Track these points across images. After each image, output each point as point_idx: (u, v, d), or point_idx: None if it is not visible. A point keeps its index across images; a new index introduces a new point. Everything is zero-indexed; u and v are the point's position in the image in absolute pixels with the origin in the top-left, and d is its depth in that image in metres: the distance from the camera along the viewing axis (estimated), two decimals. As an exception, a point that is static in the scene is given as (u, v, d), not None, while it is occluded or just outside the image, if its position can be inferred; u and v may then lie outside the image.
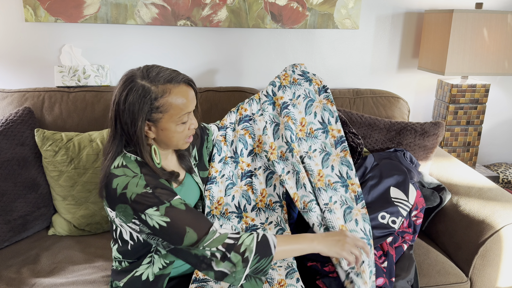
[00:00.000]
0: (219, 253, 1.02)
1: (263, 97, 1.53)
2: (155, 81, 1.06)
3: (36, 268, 1.40)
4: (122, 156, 1.10)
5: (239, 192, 1.45)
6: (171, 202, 1.04)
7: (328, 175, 1.42)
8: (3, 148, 1.55)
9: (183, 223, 1.03)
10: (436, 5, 2.12)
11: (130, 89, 1.05)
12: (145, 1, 1.88)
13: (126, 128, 1.07)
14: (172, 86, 1.07)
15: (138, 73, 1.08)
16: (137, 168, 1.07)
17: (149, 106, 1.05)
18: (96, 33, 1.92)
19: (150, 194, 1.04)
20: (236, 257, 1.01)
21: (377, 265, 1.33)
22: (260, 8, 1.97)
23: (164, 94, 1.06)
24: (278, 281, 1.17)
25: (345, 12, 2.04)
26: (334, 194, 1.38)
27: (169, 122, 1.09)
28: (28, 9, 1.82)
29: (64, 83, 1.86)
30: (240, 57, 2.06)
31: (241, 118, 1.51)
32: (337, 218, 1.30)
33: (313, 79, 1.56)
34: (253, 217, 1.41)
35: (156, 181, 1.07)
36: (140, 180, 1.05)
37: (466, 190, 1.60)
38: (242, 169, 1.47)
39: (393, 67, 2.20)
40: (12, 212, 1.53)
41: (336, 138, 1.49)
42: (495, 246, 1.39)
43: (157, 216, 1.02)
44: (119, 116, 1.07)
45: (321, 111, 1.51)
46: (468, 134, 2.15)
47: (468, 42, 1.90)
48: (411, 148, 1.73)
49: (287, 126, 1.46)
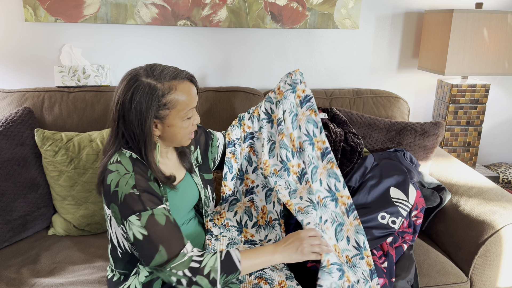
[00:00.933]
0: (185, 279, 1.03)
1: (262, 114, 1.53)
2: (161, 79, 1.07)
3: (36, 268, 1.40)
4: (118, 153, 1.10)
5: (242, 209, 1.45)
6: (154, 210, 1.05)
7: (318, 191, 1.40)
8: (3, 148, 1.55)
9: (157, 239, 1.03)
10: (436, 5, 2.12)
11: (136, 88, 1.05)
12: (145, 1, 1.88)
13: (131, 128, 1.07)
14: (177, 82, 1.09)
15: (142, 71, 1.08)
16: (130, 165, 1.07)
17: (157, 103, 1.06)
18: (96, 33, 1.92)
19: (136, 196, 1.04)
20: (202, 280, 1.03)
21: (377, 265, 1.33)
22: (260, 8, 1.97)
23: (171, 91, 1.07)
24: (279, 282, 1.17)
25: (345, 12, 2.04)
26: (324, 212, 1.37)
27: (176, 118, 1.10)
28: (28, 9, 1.82)
29: (64, 83, 1.86)
30: (240, 57, 2.06)
31: (245, 136, 1.52)
32: (329, 238, 1.31)
33: (298, 89, 1.51)
34: (253, 233, 1.41)
35: (145, 184, 1.07)
36: (130, 179, 1.05)
37: (466, 190, 1.60)
38: (246, 186, 1.48)
39: (393, 67, 2.20)
40: (12, 212, 1.53)
41: (322, 150, 1.47)
42: (495, 246, 1.39)
43: (137, 226, 1.03)
44: (124, 116, 1.07)
45: (305, 124, 1.49)
46: (468, 134, 2.15)
47: (468, 42, 1.90)
48: (411, 148, 1.73)
49: (282, 144, 1.45)
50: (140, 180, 1.06)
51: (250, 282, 1.17)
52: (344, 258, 1.30)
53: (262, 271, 1.20)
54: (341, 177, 1.42)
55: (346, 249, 1.32)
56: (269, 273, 1.20)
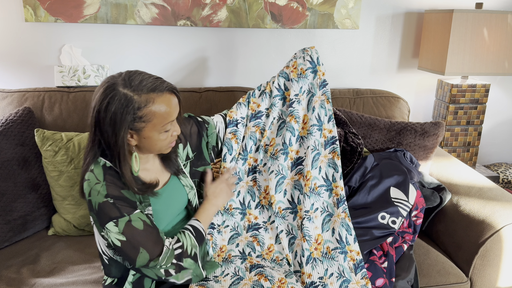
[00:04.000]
0: (172, 268, 1.07)
1: (274, 90, 1.46)
2: (138, 90, 1.02)
3: (36, 268, 1.40)
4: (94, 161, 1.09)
5: (245, 188, 1.42)
6: (131, 216, 1.05)
7: (315, 178, 1.40)
8: (3, 148, 1.55)
9: (137, 243, 1.04)
10: (436, 5, 2.12)
11: (112, 97, 1.01)
12: (145, 1, 1.88)
13: (106, 137, 1.04)
14: (155, 95, 1.03)
15: (120, 80, 1.03)
16: (101, 175, 1.06)
17: (132, 116, 1.02)
18: (96, 33, 1.92)
19: (111, 204, 1.04)
20: (186, 261, 1.10)
21: (377, 265, 1.33)
22: (260, 8, 1.97)
23: (148, 104, 1.03)
24: (279, 279, 1.18)
25: (345, 12, 2.04)
26: (317, 200, 1.38)
27: (152, 131, 1.06)
28: (28, 9, 1.82)
29: (64, 83, 1.86)
30: (240, 57, 2.06)
31: (253, 114, 1.45)
32: (314, 228, 1.34)
33: (319, 70, 1.46)
34: (256, 215, 1.40)
35: (117, 192, 1.06)
36: (101, 189, 1.04)
37: (466, 190, 1.60)
38: (249, 165, 1.44)
39: (393, 67, 2.20)
40: (12, 212, 1.53)
41: (327, 138, 1.44)
42: (495, 246, 1.39)
43: (114, 233, 1.03)
44: (100, 124, 1.03)
45: (319, 108, 1.45)
46: (468, 134, 2.15)
47: (468, 42, 1.90)
48: (411, 148, 1.73)
49: (289, 127, 1.43)
50: (112, 189, 1.05)
51: (251, 279, 1.18)
52: (324, 249, 1.31)
53: (262, 268, 1.22)
54: (340, 168, 1.41)
55: (329, 240, 1.33)
56: (269, 270, 1.21)
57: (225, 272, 1.23)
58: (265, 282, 1.16)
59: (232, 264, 1.26)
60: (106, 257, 1.17)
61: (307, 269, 1.26)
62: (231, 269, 1.24)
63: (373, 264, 1.33)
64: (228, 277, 1.21)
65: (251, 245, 1.34)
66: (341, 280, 1.24)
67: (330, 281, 1.24)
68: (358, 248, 1.32)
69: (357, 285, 1.24)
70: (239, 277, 1.20)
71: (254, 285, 1.15)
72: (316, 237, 1.33)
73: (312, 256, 1.29)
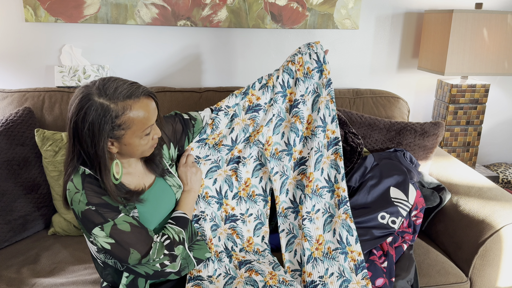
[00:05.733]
0: (166, 258, 1.09)
1: (278, 86, 1.42)
2: (114, 98, 1.00)
3: (36, 268, 1.40)
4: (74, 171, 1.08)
5: (223, 176, 1.40)
6: (115, 220, 1.05)
7: (317, 179, 1.40)
8: (3, 148, 1.55)
9: (126, 244, 1.05)
10: (436, 5, 2.12)
11: (88, 108, 0.99)
12: (145, 1, 1.88)
13: (86, 147, 1.02)
14: (132, 101, 1.01)
15: (94, 90, 1.01)
16: (80, 184, 1.04)
17: (111, 125, 1.00)
18: (96, 33, 1.92)
19: (94, 211, 1.03)
20: (178, 249, 1.13)
21: (377, 265, 1.33)
22: (260, 8, 1.97)
23: (125, 111, 1.01)
24: (269, 272, 1.20)
25: (345, 12, 2.05)
26: (319, 202, 1.38)
27: (132, 137, 1.05)
28: (28, 9, 1.82)
29: (64, 83, 1.86)
30: (240, 57, 2.06)
31: (250, 106, 1.41)
32: (316, 228, 1.34)
33: (325, 69, 1.44)
34: (234, 205, 1.39)
35: (98, 199, 1.05)
36: (81, 197, 1.03)
37: (466, 190, 1.60)
38: (232, 155, 1.40)
39: (393, 67, 2.20)
40: (12, 212, 1.53)
41: (330, 139, 1.43)
42: (495, 246, 1.39)
43: (102, 237, 1.03)
44: (78, 135, 1.02)
45: (324, 108, 1.43)
46: (468, 134, 2.15)
47: (468, 42, 1.90)
48: (411, 148, 1.73)
49: (293, 127, 1.42)
50: (92, 197, 1.04)
51: (242, 276, 1.19)
52: (325, 250, 1.32)
53: (250, 263, 1.24)
54: (343, 169, 1.40)
55: (330, 241, 1.33)
56: (257, 265, 1.23)
57: (217, 271, 1.24)
58: (256, 277, 1.17)
59: (222, 263, 1.27)
60: (99, 261, 1.17)
61: (307, 268, 1.27)
62: (222, 268, 1.25)
63: (373, 264, 1.33)
64: (221, 277, 1.22)
65: (231, 238, 1.35)
66: (341, 279, 1.25)
67: (330, 280, 1.24)
68: (360, 249, 1.32)
69: (357, 285, 1.25)
70: (231, 276, 1.21)
71: (246, 281, 1.16)
72: (317, 238, 1.33)
73: (313, 255, 1.29)
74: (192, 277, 1.21)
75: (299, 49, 1.47)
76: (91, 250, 1.17)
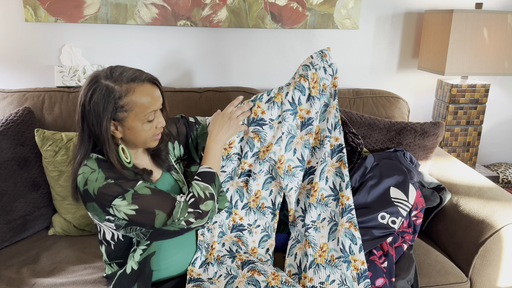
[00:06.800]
0: (191, 216, 1.08)
1: (286, 103, 1.37)
2: (119, 81, 1.07)
3: (36, 268, 1.40)
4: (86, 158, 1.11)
5: (234, 187, 1.41)
6: (135, 188, 1.07)
7: (322, 189, 1.39)
8: (3, 148, 1.55)
9: (151, 207, 1.06)
10: (436, 5, 2.12)
11: (94, 89, 1.06)
12: (145, 1, 1.88)
13: (93, 129, 1.08)
14: (135, 85, 1.08)
15: (102, 73, 1.08)
16: (95, 165, 1.09)
17: (113, 105, 1.06)
18: (96, 33, 1.92)
19: (113, 184, 1.06)
20: (207, 205, 1.12)
21: (377, 265, 1.33)
22: (260, 8, 1.97)
23: (128, 93, 1.06)
24: (272, 272, 1.20)
25: (345, 12, 2.05)
26: (324, 211, 1.38)
27: (135, 120, 1.09)
28: (28, 9, 1.82)
29: (64, 83, 1.86)
30: (240, 57, 2.06)
31: (254, 119, 1.36)
32: (321, 237, 1.34)
33: (336, 77, 1.41)
34: (242, 215, 1.40)
35: (116, 174, 1.08)
36: (99, 175, 1.06)
37: (466, 190, 1.60)
38: (242, 169, 1.40)
39: (393, 67, 2.20)
40: (12, 212, 1.53)
41: (333, 147, 1.41)
42: (495, 246, 1.39)
43: (124, 206, 1.05)
44: (86, 117, 1.08)
45: (332, 118, 1.40)
46: (468, 134, 2.15)
47: (468, 42, 1.90)
48: (411, 148, 1.73)
49: (307, 143, 1.40)
50: (109, 173, 1.08)
51: (244, 276, 1.19)
52: (328, 257, 1.31)
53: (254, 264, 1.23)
54: (347, 177, 1.39)
55: (333, 249, 1.33)
56: (260, 266, 1.23)
57: (217, 273, 1.23)
58: (259, 277, 1.17)
59: (224, 265, 1.26)
60: (113, 243, 1.17)
61: (309, 274, 1.26)
62: (223, 270, 1.24)
63: (373, 264, 1.33)
64: (221, 278, 1.21)
65: (236, 244, 1.36)
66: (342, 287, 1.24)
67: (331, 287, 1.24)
68: (364, 258, 1.30)
69: None
70: (232, 276, 1.20)
71: (248, 281, 1.16)
72: (321, 245, 1.33)
73: (316, 261, 1.29)
74: (192, 278, 1.21)
75: (311, 59, 1.41)
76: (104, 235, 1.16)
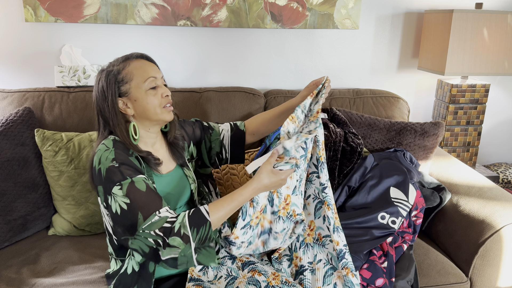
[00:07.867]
0: (159, 239, 1.03)
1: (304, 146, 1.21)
2: (115, 63, 1.19)
3: (36, 268, 1.40)
4: None
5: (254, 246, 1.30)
6: (133, 179, 1.08)
7: (319, 228, 1.32)
8: (3, 148, 1.55)
9: (138, 207, 1.05)
10: (436, 5, 2.12)
11: (100, 78, 1.18)
12: (145, 1, 1.88)
13: (104, 114, 1.17)
14: (129, 61, 1.19)
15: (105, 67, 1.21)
16: (111, 144, 1.14)
17: (114, 80, 1.16)
18: (96, 33, 1.92)
19: (116, 168, 1.08)
20: (174, 240, 1.03)
21: (377, 265, 1.33)
22: (260, 8, 1.97)
23: (125, 67, 1.17)
24: (272, 272, 1.20)
25: (345, 12, 2.04)
26: (321, 252, 1.29)
27: (137, 89, 1.16)
28: (28, 9, 1.82)
29: (64, 83, 1.86)
30: (240, 57, 2.06)
31: None
32: (316, 280, 1.24)
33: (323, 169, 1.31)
34: (301, 256, 1.31)
35: (124, 158, 1.12)
36: (110, 154, 1.11)
37: (466, 190, 1.60)
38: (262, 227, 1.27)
39: (393, 67, 2.20)
40: (12, 212, 1.53)
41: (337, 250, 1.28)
42: (495, 246, 1.39)
43: (120, 196, 1.06)
44: (98, 105, 1.18)
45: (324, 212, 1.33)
46: (468, 134, 2.15)
47: (468, 42, 1.90)
48: (411, 148, 1.73)
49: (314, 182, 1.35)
50: (120, 154, 1.12)
51: (245, 276, 1.19)
52: None
53: (254, 264, 1.23)
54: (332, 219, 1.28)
55: None
56: (260, 266, 1.22)
57: (218, 275, 1.23)
58: (259, 277, 1.17)
59: (224, 267, 1.25)
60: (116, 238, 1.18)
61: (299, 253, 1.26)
62: (223, 271, 1.24)
63: (373, 264, 1.33)
64: (222, 279, 1.21)
65: None
66: None
67: None
68: None
69: None
70: (233, 277, 1.20)
71: (249, 281, 1.16)
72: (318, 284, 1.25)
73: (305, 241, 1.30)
74: (193, 277, 1.21)
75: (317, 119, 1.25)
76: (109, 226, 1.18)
